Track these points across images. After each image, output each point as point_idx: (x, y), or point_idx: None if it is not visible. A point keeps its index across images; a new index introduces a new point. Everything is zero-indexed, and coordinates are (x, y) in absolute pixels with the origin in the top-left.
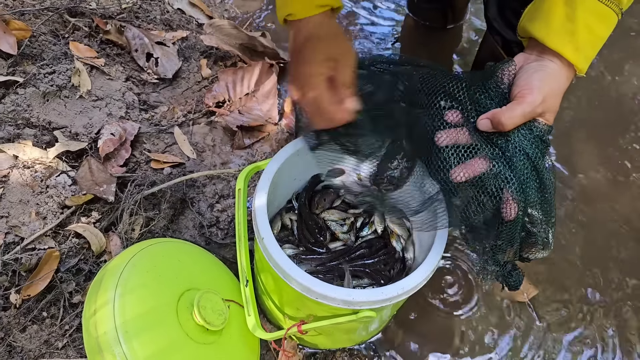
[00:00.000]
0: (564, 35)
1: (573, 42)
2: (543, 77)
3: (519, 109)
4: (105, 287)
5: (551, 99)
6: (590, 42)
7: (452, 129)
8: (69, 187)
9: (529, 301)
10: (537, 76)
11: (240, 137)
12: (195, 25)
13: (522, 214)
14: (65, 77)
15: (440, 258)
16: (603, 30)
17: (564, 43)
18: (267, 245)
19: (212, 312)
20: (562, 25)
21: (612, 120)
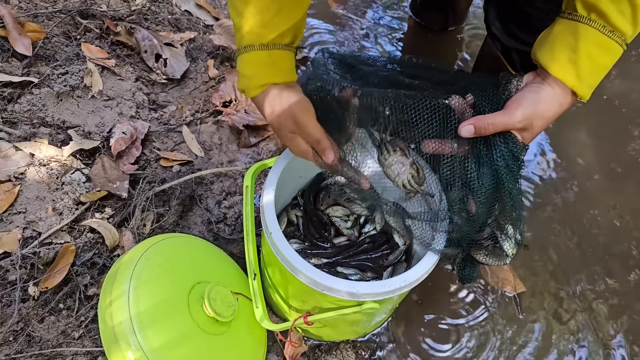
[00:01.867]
0: (566, 64)
1: (575, 71)
2: (535, 99)
3: (501, 118)
4: (120, 280)
5: (536, 120)
6: (592, 72)
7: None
8: (83, 184)
9: (516, 295)
10: (530, 96)
11: (246, 136)
12: (202, 27)
13: (480, 212)
14: (78, 78)
15: (441, 253)
16: (606, 60)
17: (566, 71)
18: (275, 240)
19: (221, 304)
20: (564, 55)
21: (612, 121)
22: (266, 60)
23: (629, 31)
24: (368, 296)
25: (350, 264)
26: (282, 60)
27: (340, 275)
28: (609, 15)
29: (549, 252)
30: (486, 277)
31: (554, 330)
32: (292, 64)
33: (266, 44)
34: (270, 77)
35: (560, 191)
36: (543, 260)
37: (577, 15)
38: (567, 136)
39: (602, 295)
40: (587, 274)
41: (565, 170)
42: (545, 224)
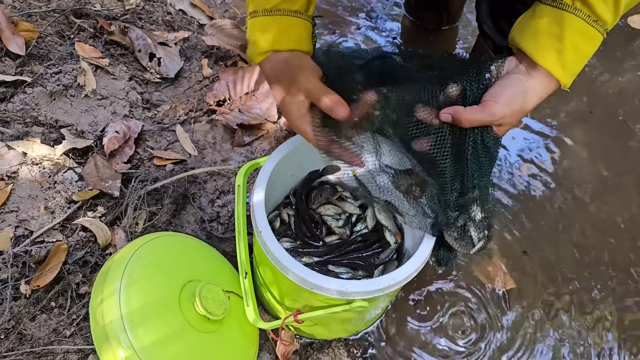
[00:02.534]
0: (551, 53)
1: (560, 60)
2: (516, 94)
3: (479, 115)
4: (112, 278)
5: (515, 114)
6: (576, 60)
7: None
8: (76, 182)
9: (505, 291)
10: (510, 91)
11: (240, 135)
12: (196, 26)
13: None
14: (71, 77)
15: (431, 250)
16: (588, 49)
17: (552, 60)
18: (264, 239)
19: (213, 302)
20: (550, 44)
21: (610, 117)
22: (270, 26)
23: (610, 19)
24: (357, 294)
25: (342, 262)
26: (290, 28)
27: (332, 273)
28: (593, 5)
29: (540, 251)
30: (477, 274)
31: (544, 326)
32: (302, 32)
33: (270, 9)
34: (273, 43)
35: (553, 192)
36: (533, 258)
37: (562, 3)
38: (563, 140)
39: (593, 294)
40: (578, 272)
41: (561, 173)
42: (538, 225)
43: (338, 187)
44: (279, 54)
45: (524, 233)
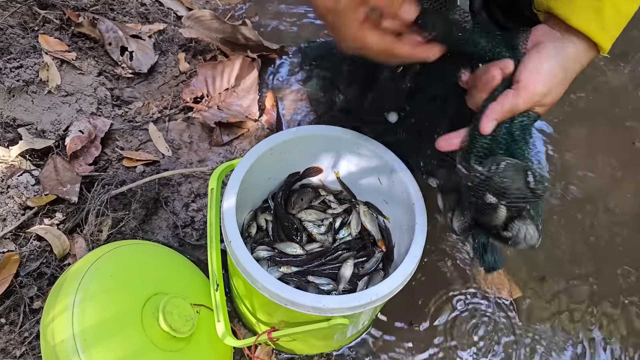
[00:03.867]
0: (589, 13)
1: (599, 21)
2: (555, 67)
3: (520, 101)
4: (65, 293)
5: (556, 89)
6: (616, 20)
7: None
8: (32, 187)
9: (513, 300)
10: (548, 65)
11: (218, 134)
12: (173, 18)
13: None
14: (33, 72)
15: (418, 262)
16: (629, 7)
17: (590, 22)
18: (234, 249)
19: (178, 317)
20: (587, 3)
21: (614, 111)
22: None
23: None
24: (336, 311)
25: (323, 272)
26: None
27: (312, 285)
28: None
29: (544, 255)
30: (480, 284)
31: (555, 334)
32: None
33: None
34: None
35: (557, 192)
36: (537, 263)
37: None
38: (568, 137)
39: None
40: (585, 276)
41: (563, 172)
42: None
43: (320, 190)
44: None
45: None
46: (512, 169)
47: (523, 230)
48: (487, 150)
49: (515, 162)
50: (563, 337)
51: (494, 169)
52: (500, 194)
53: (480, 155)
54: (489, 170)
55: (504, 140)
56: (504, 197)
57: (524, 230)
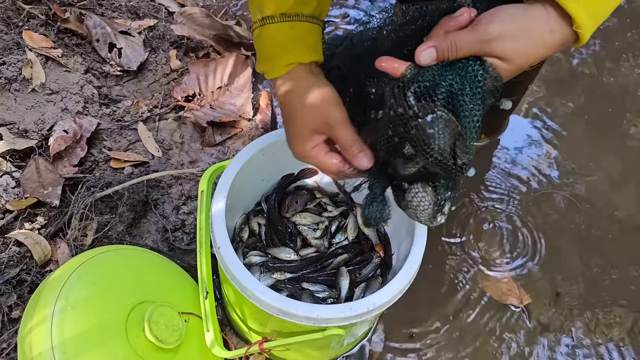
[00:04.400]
0: None
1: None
2: (516, 14)
3: (467, 36)
4: (44, 302)
5: (515, 42)
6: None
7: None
8: (12, 189)
9: (524, 307)
10: (509, 10)
11: (210, 134)
12: (164, 14)
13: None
14: (16, 69)
15: (417, 269)
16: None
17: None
18: (223, 256)
19: (165, 327)
20: None
21: (612, 113)
22: (289, 34)
23: None
24: (331, 321)
25: (318, 279)
26: (307, 35)
27: (306, 292)
28: None
29: (552, 261)
30: (486, 290)
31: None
32: (318, 39)
33: (288, 14)
34: (296, 55)
35: (564, 196)
36: (546, 270)
37: None
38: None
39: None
40: (593, 280)
41: (567, 173)
42: (549, 231)
43: (316, 192)
44: (301, 68)
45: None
46: (443, 123)
47: (419, 198)
48: (426, 90)
49: (451, 119)
50: (576, 347)
51: (425, 110)
52: (419, 145)
53: (418, 92)
54: (420, 108)
55: (448, 86)
56: (421, 150)
57: (420, 198)
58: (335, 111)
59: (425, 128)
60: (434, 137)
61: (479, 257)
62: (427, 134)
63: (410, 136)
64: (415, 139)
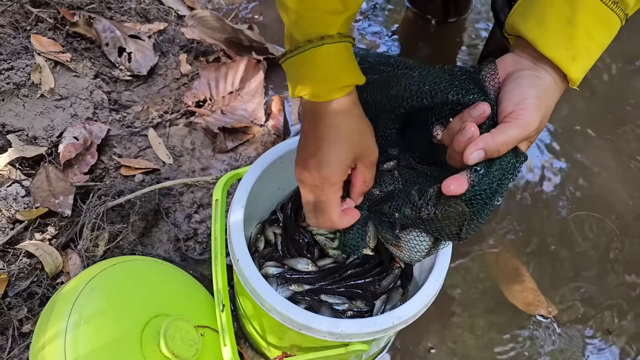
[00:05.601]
0: (560, 40)
1: (570, 50)
2: (540, 94)
3: (514, 133)
4: (57, 316)
5: (544, 119)
6: (588, 51)
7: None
8: (22, 198)
9: (553, 318)
10: (532, 92)
11: (222, 140)
12: (174, 17)
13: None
14: (25, 74)
15: (443, 281)
16: (604, 37)
17: (560, 49)
18: (242, 268)
19: (181, 342)
20: (559, 28)
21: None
22: (348, 54)
23: (632, 1)
24: (355, 337)
25: (337, 290)
26: (353, 55)
27: (325, 304)
28: None
29: (571, 266)
30: (512, 300)
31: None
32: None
33: (344, 34)
34: (354, 76)
35: (575, 201)
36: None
37: None
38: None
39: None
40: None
41: (582, 183)
42: (563, 236)
43: None
44: (355, 91)
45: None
46: (455, 212)
47: (417, 241)
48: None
49: (463, 208)
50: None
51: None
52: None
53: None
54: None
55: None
56: (430, 229)
57: (418, 242)
58: (375, 147)
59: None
60: (444, 228)
61: (499, 265)
62: (439, 225)
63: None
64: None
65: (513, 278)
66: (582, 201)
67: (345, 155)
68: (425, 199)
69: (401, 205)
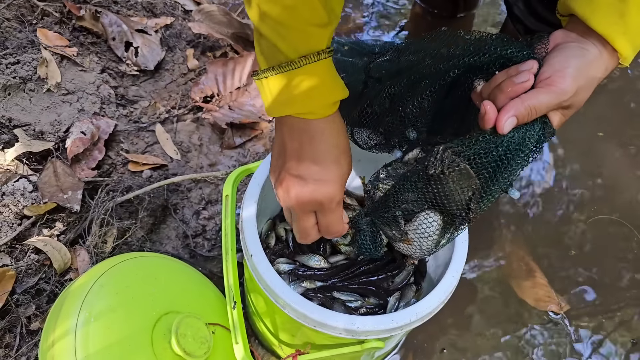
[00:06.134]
0: (611, 16)
1: (622, 25)
2: (581, 65)
3: (545, 98)
4: (66, 314)
5: (583, 92)
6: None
7: None
8: (29, 194)
9: (564, 314)
10: (574, 62)
11: (230, 136)
12: (181, 12)
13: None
14: (31, 68)
15: (459, 277)
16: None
17: (611, 24)
18: (256, 264)
19: (193, 339)
20: (610, 4)
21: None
22: (333, 69)
23: None
24: (371, 334)
25: (349, 287)
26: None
27: (338, 301)
28: None
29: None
30: (524, 296)
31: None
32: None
33: (332, 48)
34: (341, 91)
35: (588, 200)
36: (578, 273)
37: None
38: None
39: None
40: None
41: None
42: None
43: (345, 196)
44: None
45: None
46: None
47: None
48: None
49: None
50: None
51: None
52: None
53: (472, 158)
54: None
55: (505, 150)
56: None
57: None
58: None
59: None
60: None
61: (511, 262)
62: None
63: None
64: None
65: (524, 274)
66: (601, 204)
67: (347, 169)
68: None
69: (403, 191)
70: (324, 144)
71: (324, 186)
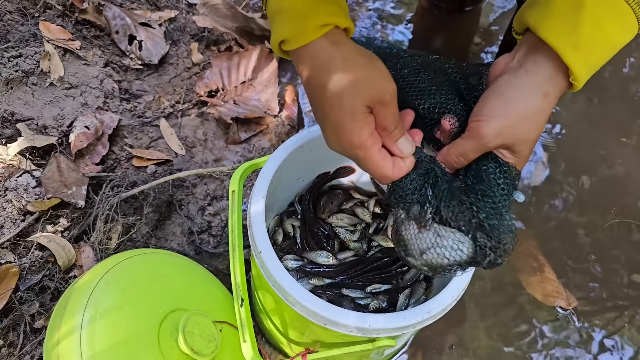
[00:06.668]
0: (562, 25)
1: (574, 36)
2: (511, 98)
3: (467, 144)
4: (72, 311)
5: (522, 126)
6: (596, 43)
7: None
8: (33, 189)
9: (572, 310)
10: (496, 102)
11: (235, 131)
12: (185, 5)
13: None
14: (34, 62)
15: (472, 273)
16: (615, 31)
17: (562, 35)
18: (265, 261)
19: (200, 338)
20: (564, 14)
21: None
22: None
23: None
24: (382, 332)
25: (358, 284)
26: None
27: (347, 298)
28: None
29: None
30: (533, 291)
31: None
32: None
33: None
34: (332, 14)
35: (595, 200)
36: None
37: None
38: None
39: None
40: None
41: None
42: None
43: (353, 192)
44: (338, 32)
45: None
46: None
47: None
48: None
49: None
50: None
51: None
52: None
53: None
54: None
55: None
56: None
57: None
58: (390, 83)
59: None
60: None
61: (520, 257)
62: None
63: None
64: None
65: (532, 269)
66: (612, 202)
67: (357, 103)
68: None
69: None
70: (315, 73)
71: (336, 132)
